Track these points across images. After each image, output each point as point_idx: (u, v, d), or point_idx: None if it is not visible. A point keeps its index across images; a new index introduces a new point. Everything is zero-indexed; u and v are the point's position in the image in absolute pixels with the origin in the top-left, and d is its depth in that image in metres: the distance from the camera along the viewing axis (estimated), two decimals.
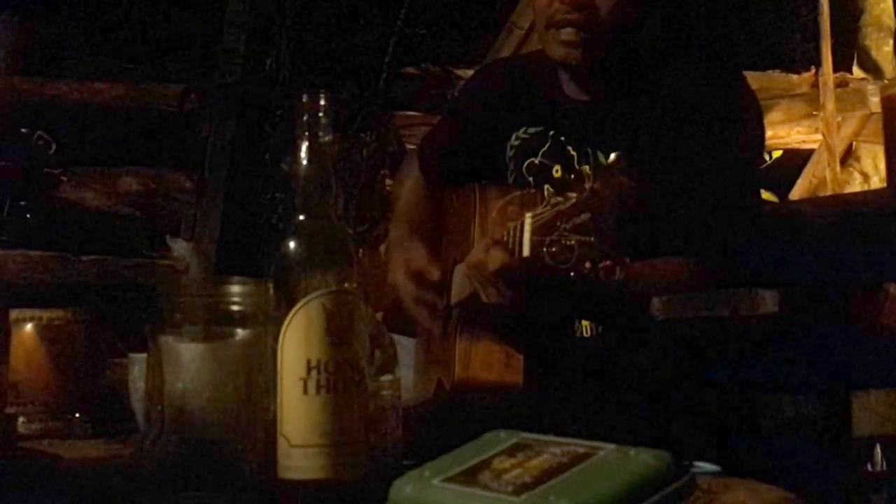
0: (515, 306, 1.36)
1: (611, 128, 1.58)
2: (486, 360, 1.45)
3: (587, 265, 1.22)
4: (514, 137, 1.68)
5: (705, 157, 1.51)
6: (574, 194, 1.21)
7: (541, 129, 1.65)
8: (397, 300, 1.63)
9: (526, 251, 1.26)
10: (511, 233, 1.31)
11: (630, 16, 1.56)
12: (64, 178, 2.86)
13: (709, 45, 3.68)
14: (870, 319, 1.30)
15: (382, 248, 2.83)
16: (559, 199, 1.23)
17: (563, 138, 1.62)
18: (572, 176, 1.48)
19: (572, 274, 1.24)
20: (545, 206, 1.25)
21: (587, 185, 1.20)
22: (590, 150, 1.59)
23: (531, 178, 1.64)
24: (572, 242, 1.21)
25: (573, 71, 1.61)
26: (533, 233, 1.25)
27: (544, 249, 1.23)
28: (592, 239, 1.20)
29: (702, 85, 1.58)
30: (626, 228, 1.23)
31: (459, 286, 1.55)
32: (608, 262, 1.23)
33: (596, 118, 1.60)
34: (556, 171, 1.62)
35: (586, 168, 1.58)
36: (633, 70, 1.60)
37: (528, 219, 1.27)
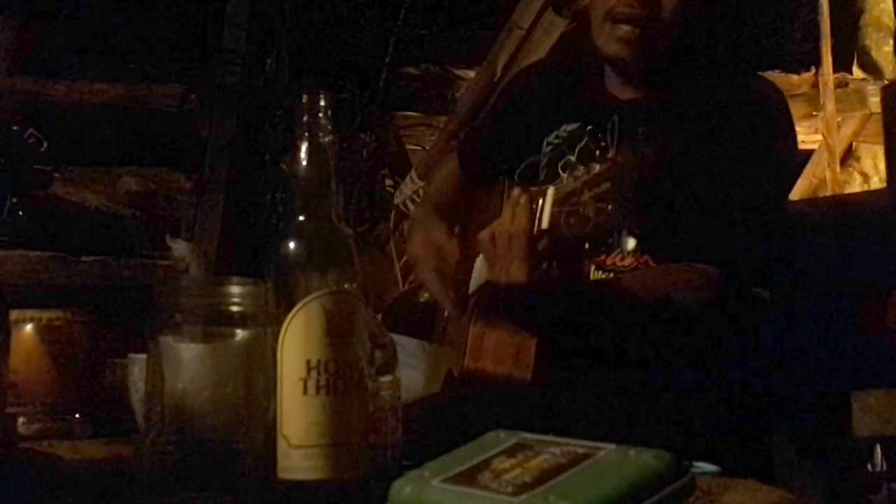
0: (526, 283, 1.34)
1: (648, 128, 1.57)
2: (496, 353, 1.45)
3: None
4: (552, 135, 1.68)
5: (739, 163, 1.50)
6: (598, 165, 1.23)
7: (578, 125, 1.64)
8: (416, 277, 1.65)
9: (545, 223, 1.27)
10: (533, 206, 1.32)
11: (689, 17, 1.54)
12: (56, 176, 2.85)
13: (737, 46, 3.71)
14: (877, 322, 1.30)
15: (405, 226, 2.84)
16: (583, 169, 1.25)
17: (600, 135, 1.62)
18: (598, 152, 1.49)
19: (586, 246, 1.26)
20: (569, 179, 1.27)
21: (611, 157, 1.22)
22: (628, 149, 1.57)
23: (564, 175, 1.63)
24: (589, 212, 1.22)
25: (622, 67, 1.59)
26: (553, 204, 1.27)
27: (562, 220, 1.24)
28: (609, 207, 1.21)
29: (736, 87, 1.58)
30: (644, 198, 1.26)
31: (479, 274, 1.55)
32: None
33: (636, 117, 1.59)
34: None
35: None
36: (675, 70, 1.59)
37: (550, 191, 1.29)
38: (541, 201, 1.31)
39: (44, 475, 1.16)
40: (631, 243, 1.53)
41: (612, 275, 1.53)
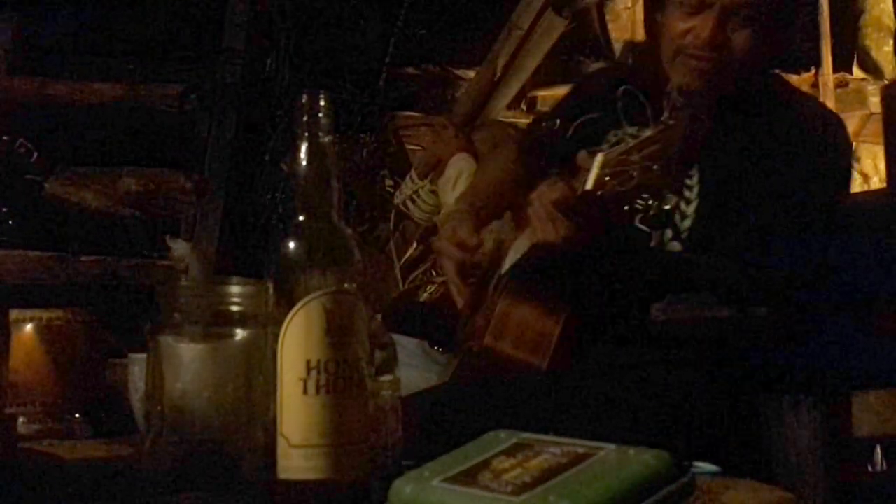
0: (567, 242, 1.39)
1: (709, 139, 1.60)
2: (518, 335, 1.47)
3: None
4: (611, 133, 1.70)
5: (789, 182, 1.54)
6: (649, 130, 1.27)
7: (638, 128, 1.65)
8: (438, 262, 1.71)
9: (589, 184, 1.31)
10: (584, 169, 1.37)
11: (760, 55, 1.58)
12: (46, 185, 2.86)
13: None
14: (880, 322, 1.31)
15: (438, 218, 2.87)
16: (633, 132, 1.30)
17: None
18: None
19: (625, 207, 1.29)
20: (619, 146, 1.32)
21: (664, 118, 1.26)
22: (693, 169, 1.61)
23: None
24: (634, 171, 1.26)
25: (690, 97, 1.61)
26: (603, 167, 1.31)
27: (606, 178, 1.28)
28: (655, 167, 1.25)
29: (794, 113, 1.63)
30: (681, 162, 1.34)
31: (516, 253, 1.58)
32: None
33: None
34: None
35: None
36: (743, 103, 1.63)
37: (600, 155, 1.34)
38: (593, 163, 1.36)
39: (44, 475, 1.16)
40: (676, 244, 1.57)
41: None
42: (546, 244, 1.42)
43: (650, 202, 1.56)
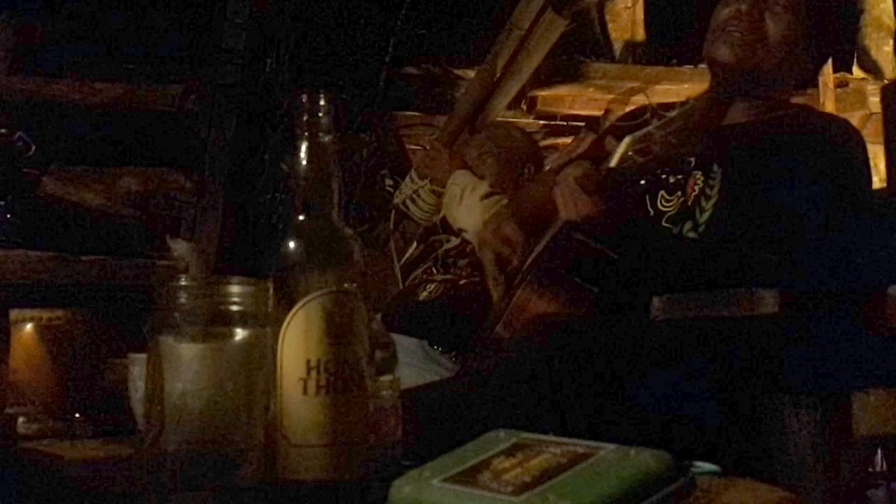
0: (590, 219, 1.45)
1: (735, 146, 1.66)
2: (527, 327, 1.48)
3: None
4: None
5: (807, 190, 1.60)
6: (676, 112, 1.32)
7: None
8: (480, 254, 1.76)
9: (613, 162, 1.36)
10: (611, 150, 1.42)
11: (792, 47, 1.70)
12: (43, 179, 2.86)
13: None
14: (877, 322, 1.30)
15: (484, 219, 2.90)
16: (663, 116, 1.34)
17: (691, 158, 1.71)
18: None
19: (641, 182, 1.34)
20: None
21: (690, 103, 1.31)
22: (710, 160, 1.65)
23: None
24: (656, 147, 1.31)
25: (727, 76, 1.69)
26: (628, 148, 1.34)
27: (630, 154, 1.33)
28: (676, 141, 1.30)
29: (817, 124, 1.74)
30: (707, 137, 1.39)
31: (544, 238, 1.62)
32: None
33: (724, 136, 1.68)
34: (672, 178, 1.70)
35: (699, 174, 1.64)
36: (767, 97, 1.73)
37: (627, 138, 1.38)
38: (619, 146, 1.39)
39: (44, 475, 1.16)
40: (692, 235, 1.60)
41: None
42: (570, 222, 1.47)
43: (675, 197, 1.58)
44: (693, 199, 1.62)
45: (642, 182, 1.54)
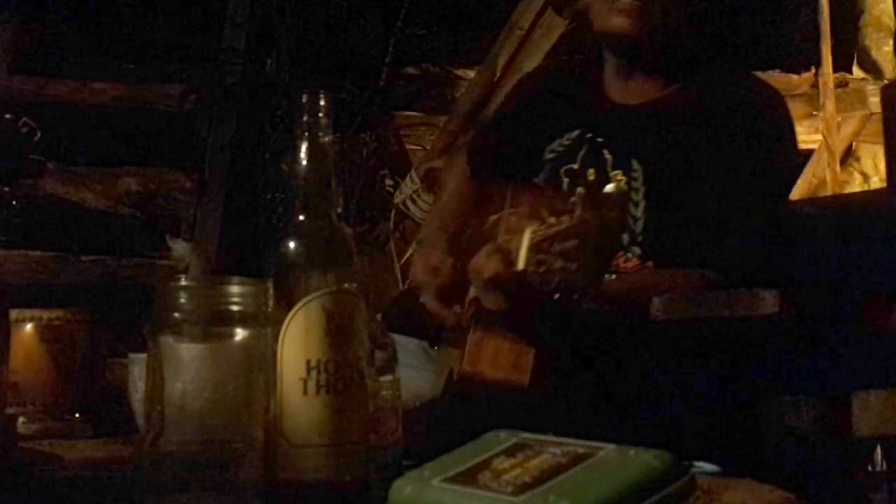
0: (510, 314, 1.35)
1: (648, 133, 1.61)
2: (494, 358, 1.44)
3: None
4: (555, 143, 1.70)
5: (738, 168, 1.53)
6: (567, 218, 1.21)
7: (579, 132, 1.67)
8: (415, 293, 1.64)
9: (521, 265, 1.26)
10: (513, 243, 1.31)
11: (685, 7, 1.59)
12: (49, 166, 2.85)
13: (737, 46, 3.75)
14: (881, 323, 1.30)
15: (405, 226, 2.86)
16: (554, 220, 1.23)
17: (600, 140, 1.64)
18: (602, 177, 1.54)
19: (556, 297, 1.24)
20: (543, 225, 1.25)
21: (578, 213, 1.20)
22: (627, 156, 1.60)
23: (566, 180, 1.66)
24: (557, 267, 1.21)
25: (623, 48, 1.62)
26: (529, 248, 1.25)
27: (532, 265, 1.23)
28: (574, 267, 1.19)
29: (735, 91, 1.62)
30: (602, 261, 1.26)
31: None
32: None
33: (635, 123, 1.63)
34: (591, 175, 1.64)
35: (618, 173, 1.60)
36: (673, 74, 1.64)
37: (527, 233, 1.27)
38: (518, 243, 1.30)
39: (44, 475, 1.16)
40: (636, 249, 1.55)
41: (614, 276, 1.54)
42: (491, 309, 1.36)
43: None
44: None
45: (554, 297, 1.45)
